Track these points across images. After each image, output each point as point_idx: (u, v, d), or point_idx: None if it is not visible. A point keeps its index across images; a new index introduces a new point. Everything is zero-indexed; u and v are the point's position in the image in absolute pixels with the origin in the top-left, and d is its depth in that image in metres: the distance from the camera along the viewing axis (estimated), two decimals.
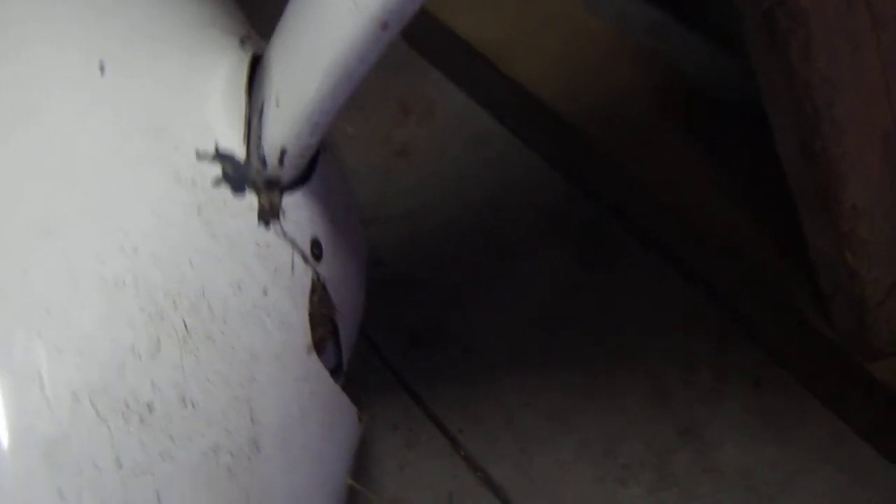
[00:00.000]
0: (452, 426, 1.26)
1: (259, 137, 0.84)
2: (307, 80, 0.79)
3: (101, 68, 0.83)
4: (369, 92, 1.51)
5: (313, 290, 0.88)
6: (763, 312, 1.18)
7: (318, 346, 0.89)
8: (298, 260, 0.87)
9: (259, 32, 0.96)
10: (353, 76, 0.77)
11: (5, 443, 0.67)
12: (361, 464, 1.23)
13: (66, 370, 0.70)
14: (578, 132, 1.30)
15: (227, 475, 0.75)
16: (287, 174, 0.84)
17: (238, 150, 0.84)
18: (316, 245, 0.89)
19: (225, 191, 0.82)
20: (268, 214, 0.84)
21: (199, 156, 0.82)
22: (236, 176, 0.83)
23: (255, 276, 0.82)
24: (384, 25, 0.72)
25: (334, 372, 0.96)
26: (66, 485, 0.67)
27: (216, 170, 0.83)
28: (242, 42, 0.94)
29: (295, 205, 0.86)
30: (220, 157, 0.83)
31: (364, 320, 1.05)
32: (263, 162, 0.84)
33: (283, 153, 0.82)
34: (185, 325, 0.75)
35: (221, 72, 0.89)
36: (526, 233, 1.36)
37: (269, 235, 0.84)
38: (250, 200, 0.83)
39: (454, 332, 1.31)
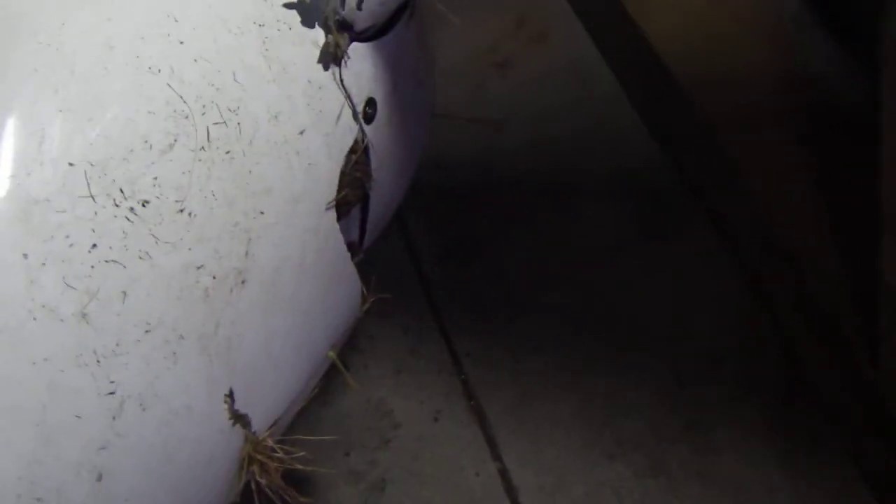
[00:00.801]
0: (460, 347, 1.21)
1: None
2: None
3: None
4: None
5: (353, 150, 0.84)
6: (807, 331, 1.11)
7: (341, 207, 0.84)
8: (347, 113, 0.82)
9: None
10: None
11: None
12: (364, 352, 1.19)
13: (71, 134, 0.66)
14: (685, 99, 1.23)
15: (203, 296, 0.71)
16: (362, 20, 0.79)
17: None
18: (371, 105, 0.84)
19: (294, 17, 0.78)
20: (330, 56, 0.80)
21: None
22: (311, 5, 0.78)
23: (296, 112, 0.77)
24: None
25: (353, 245, 0.92)
26: (33, 250, 0.63)
27: None
28: None
29: (361, 56, 0.82)
30: None
31: (406, 219, 1.01)
32: (342, 1, 0.78)
33: None
34: (208, 134, 0.71)
35: None
36: (594, 179, 1.30)
37: (325, 78, 0.80)
38: (316, 35, 0.79)
39: (490, 255, 1.26)
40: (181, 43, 0.72)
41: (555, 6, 1.47)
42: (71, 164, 0.65)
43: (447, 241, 1.28)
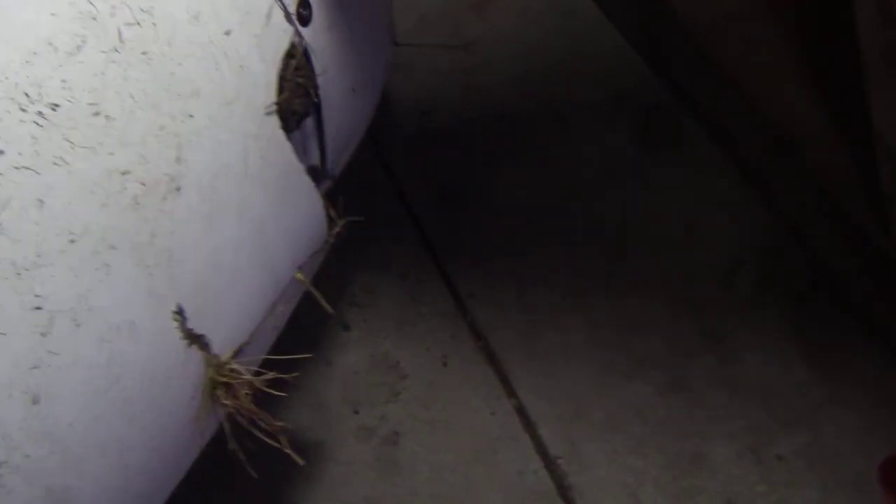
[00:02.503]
0: (463, 289, 1.16)
1: None
2: None
3: None
4: None
5: (290, 54, 0.79)
6: (817, 220, 1.05)
7: (288, 117, 0.80)
8: (278, 14, 0.78)
9: None
10: None
11: None
12: (362, 306, 1.15)
13: None
14: (665, 7, 1.17)
15: (132, 204, 0.67)
16: None
17: None
18: (304, 6, 0.79)
19: None
20: None
21: None
22: None
23: (217, 12, 0.73)
24: None
25: (316, 170, 0.87)
26: None
27: None
28: None
29: None
30: None
31: (394, 167, 0.96)
32: None
33: None
34: (120, 35, 0.67)
35: None
36: (587, 107, 1.25)
37: None
38: None
39: (485, 194, 1.21)
40: None
41: None
42: None
43: (439, 184, 1.23)
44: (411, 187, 1.23)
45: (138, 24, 0.69)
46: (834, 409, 1.04)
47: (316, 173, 0.87)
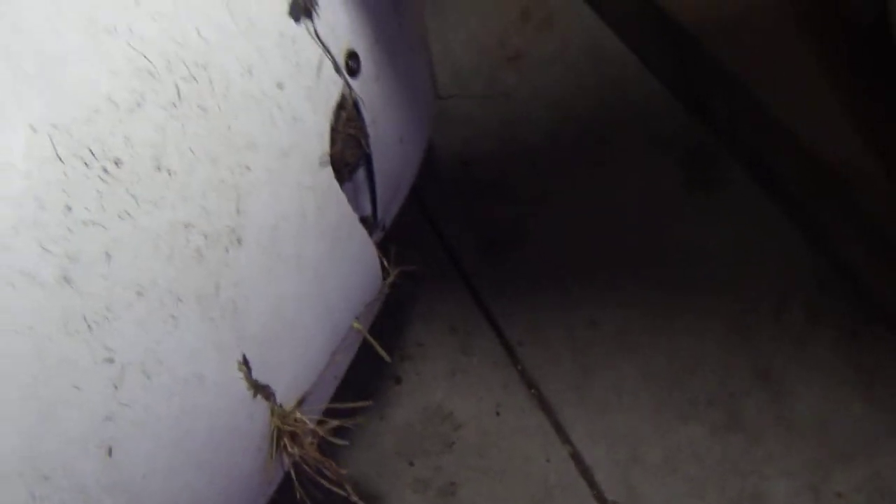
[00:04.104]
0: (513, 337, 1.16)
1: None
2: None
3: None
4: None
5: (341, 105, 0.80)
6: (866, 257, 1.04)
7: (341, 167, 0.81)
8: (328, 66, 0.79)
9: None
10: None
11: None
12: (413, 359, 1.15)
13: (29, 98, 0.63)
14: (699, 44, 1.18)
15: (196, 257, 0.68)
16: None
17: None
18: (353, 58, 0.81)
19: None
20: (300, 9, 0.77)
21: None
22: None
23: (270, 66, 0.74)
24: None
25: (367, 220, 0.88)
26: (3, 215, 0.60)
27: None
28: None
29: (332, 6, 0.79)
30: None
31: (438, 218, 0.97)
32: None
33: None
34: (178, 90, 0.68)
35: None
36: (628, 150, 1.25)
37: (298, 30, 0.77)
38: None
39: (529, 240, 1.22)
40: (136, 3, 0.69)
41: None
42: (34, 130, 0.63)
43: (483, 233, 1.24)
44: (456, 237, 1.24)
45: (194, 79, 0.70)
46: (891, 442, 1.03)
47: (368, 224, 0.88)
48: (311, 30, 0.78)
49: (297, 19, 0.77)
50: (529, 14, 1.43)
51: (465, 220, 1.24)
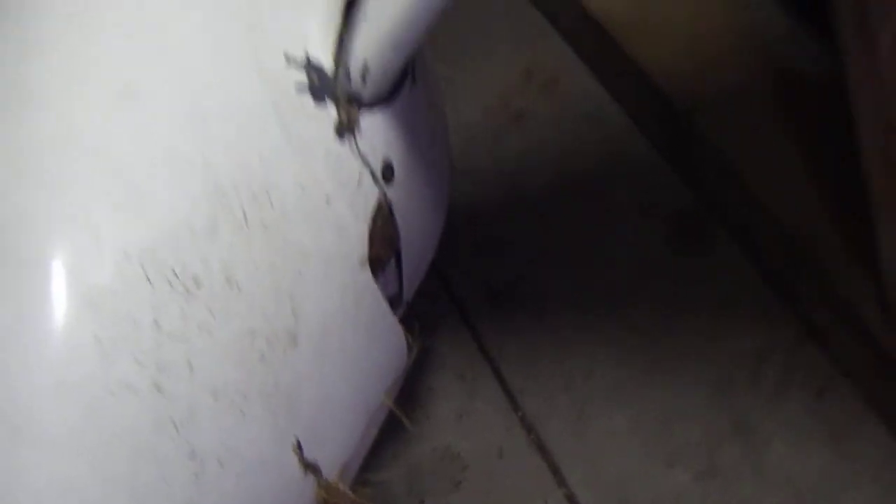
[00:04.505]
0: (514, 384, 1.28)
1: (348, 53, 0.87)
2: (394, 5, 0.83)
3: None
4: (495, 56, 1.54)
5: (378, 211, 0.92)
6: (833, 321, 1.17)
7: (375, 264, 0.92)
8: (367, 178, 0.90)
9: None
10: (431, 9, 0.80)
11: (55, 281, 0.72)
12: (424, 404, 1.27)
13: (123, 228, 0.74)
14: (690, 120, 1.31)
15: (260, 359, 0.79)
16: (368, 92, 0.87)
17: (326, 61, 0.88)
18: (388, 168, 0.92)
19: (306, 97, 0.86)
20: (344, 128, 0.88)
21: (288, 59, 0.86)
22: (320, 85, 0.87)
23: (320, 183, 0.85)
24: None
25: (393, 299, 1.00)
26: (104, 333, 0.72)
27: (301, 75, 0.86)
28: None
29: (372, 124, 0.90)
30: (308, 64, 0.87)
31: (447, 274, 1.08)
32: (348, 76, 0.87)
33: (365, 69, 0.86)
34: (244, 213, 0.79)
35: None
36: (622, 210, 1.37)
37: (342, 148, 0.88)
38: (329, 111, 0.87)
39: (531, 294, 1.33)
40: (211, 137, 0.80)
41: (560, 53, 1.56)
42: (127, 255, 0.74)
43: (489, 286, 1.36)
44: (464, 290, 1.36)
45: (257, 201, 0.82)
46: (854, 490, 1.15)
47: (394, 303, 1.00)
48: (354, 147, 0.89)
49: (341, 137, 0.88)
50: (532, 76, 1.54)
51: (471, 274, 1.36)
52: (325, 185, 0.87)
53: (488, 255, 1.35)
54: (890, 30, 0.84)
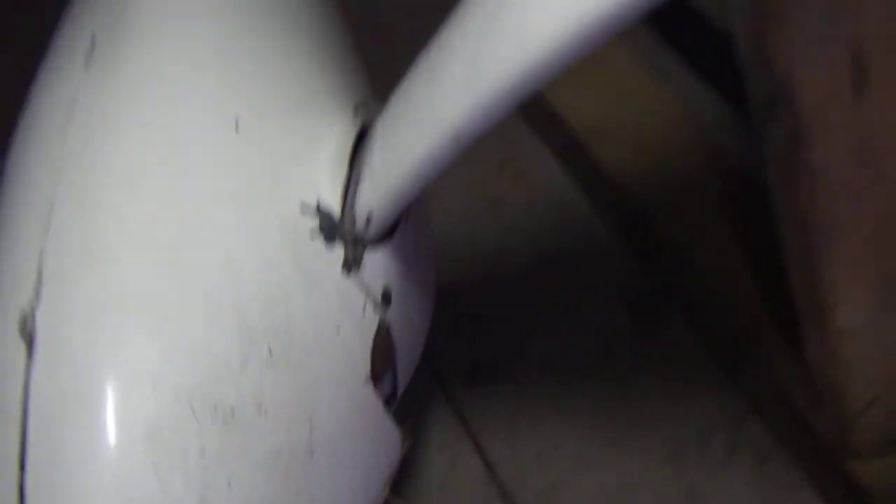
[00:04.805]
0: (492, 454, 1.45)
1: (354, 199, 1.03)
2: (395, 166, 0.98)
3: (236, 125, 1.02)
4: (472, 149, 1.71)
5: (378, 332, 1.08)
6: (773, 401, 1.34)
7: (376, 378, 1.08)
8: (370, 305, 1.06)
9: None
10: (430, 173, 0.96)
11: (117, 423, 0.88)
12: (408, 476, 1.43)
13: (173, 372, 0.90)
14: (642, 213, 1.48)
15: (285, 474, 0.95)
16: (371, 233, 1.03)
17: (335, 207, 1.03)
18: (386, 294, 1.08)
19: (318, 241, 1.02)
20: (350, 265, 1.04)
21: (303, 208, 1.02)
22: (329, 229, 1.02)
23: (331, 315, 1.01)
24: (455, 140, 0.91)
25: (389, 398, 1.16)
26: (160, 462, 0.87)
27: (314, 222, 1.02)
28: (356, 109, 1.13)
29: (374, 259, 1.06)
30: (320, 212, 1.02)
31: (432, 350, 1.24)
32: (353, 221, 1.03)
33: (369, 217, 1.01)
34: (270, 349, 0.95)
35: (331, 140, 1.07)
36: (588, 292, 1.54)
37: (349, 283, 1.04)
38: (338, 251, 1.03)
39: (509, 368, 1.50)
40: (242, 284, 0.96)
41: (532, 147, 1.73)
42: (176, 395, 0.90)
43: (467, 362, 1.52)
44: (444, 366, 1.52)
45: (281, 337, 0.97)
46: None
47: (388, 402, 1.16)
48: (359, 280, 1.05)
49: (348, 272, 1.04)
50: (506, 167, 1.71)
51: (452, 350, 1.52)
52: (335, 317, 1.02)
53: (468, 332, 1.51)
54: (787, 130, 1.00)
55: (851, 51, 0.95)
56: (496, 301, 1.56)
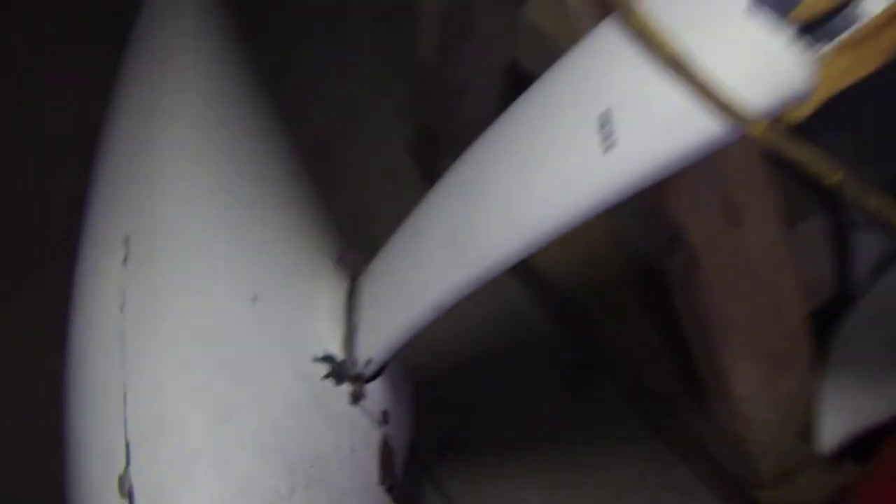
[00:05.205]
0: None
1: (353, 347, 1.31)
2: (386, 326, 1.23)
3: (255, 300, 1.28)
4: None
5: (382, 444, 1.36)
6: (693, 449, 1.66)
7: (383, 479, 1.37)
8: (374, 426, 1.33)
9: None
10: (417, 330, 1.25)
11: None
12: None
13: None
14: (575, 301, 1.79)
15: None
16: (369, 371, 1.31)
17: (339, 355, 1.30)
18: (385, 414, 1.36)
19: (330, 383, 1.28)
20: (356, 398, 1.32)
21: (315, 359, 1.29)
22: (338, 374, 1.27)
23: (348, 440, 1.26)
24: (437, 308, 1.20)
25: (390, 489, 1.45)
26: None
27: (325, 369, 1.30)
28: (340, 263, 1.36)
29: (373, 390, 1.31)
30: (328, 360, 1.30)
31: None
32: (355, 364, 1.31)
33: (368, 361, 1.30)
34: (307, 477, 1.18)
35: (327, 298, 1.31)
36: (531, 370, 1.81)
37: (356, 411, 1.29)
38: (346, 389, 1.29)
39: (473, 439, 1.77)
40: (281, 429, 1.20)
41: None
42: None
43: (438, 437, 1.74)
44: (419, 442, 1.78)
45: (313, 467, 1.17)
46: None
47: (390, 490, 1.42)
48: (364, 408, 1.34)
49: (355, 403, 1.33)
50: None
51: (424, 428, 1.78)
52: (349, 441, 1.27)
53: (436, 412, 1.78)
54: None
55: (724, 198, 1.26)
56: (459, 385, 1.80)
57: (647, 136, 0.85)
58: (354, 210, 1.76)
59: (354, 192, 1.99)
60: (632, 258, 1.73)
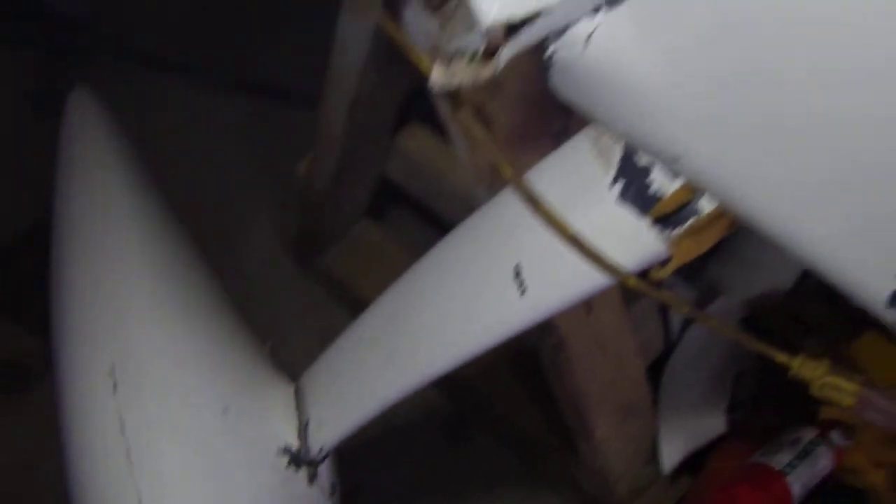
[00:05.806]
0: None
1: (307, 438, 1.57)
2: (335, 424, 1.51)
3: (225, 411, 1.49)
4: None
5: None
6: (564, 484, 2.03)
7: None
8: (327, 498, 1.69)
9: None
10: (362, 426, 1.59)
11: None
12: None
13: None
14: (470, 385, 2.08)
15: None
16: (321, 457, 1.64)
17: (296, 447, 1.58)
18: (334, 486, 1.68)
19: (292, 470, 1.58)
20: (311, 479, 1.63)
21: (277, 452, 1.60)
22: (296, 462, 1.55)
23: None
24: (383, 408, 1.55)
25: None
26: None
27: (286, 459, 1.62)
28: (271, 359, 1.62)
29: (324, 470, 1.60)
30: (287, 452, 1.58)
31: None
32: (309, 451, 1.60)
33: (321, 449, 1.62)
34: None
35: (278, 399, 1.56)
36: (414, 431, 2.11)
37: (313, 489, 1.53)
38: (303, 472, 1.58)
39: (370, 493, 2.04)
40: None
41: None
42: None
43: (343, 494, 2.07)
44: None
45: None
46: None
47: None
48: (318, 486, 1.64)
49: (311, 483, 1.63)
50: None
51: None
52: None
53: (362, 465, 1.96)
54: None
55: None
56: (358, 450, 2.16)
57: (552, 284, 1.10)
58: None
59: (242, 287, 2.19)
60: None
